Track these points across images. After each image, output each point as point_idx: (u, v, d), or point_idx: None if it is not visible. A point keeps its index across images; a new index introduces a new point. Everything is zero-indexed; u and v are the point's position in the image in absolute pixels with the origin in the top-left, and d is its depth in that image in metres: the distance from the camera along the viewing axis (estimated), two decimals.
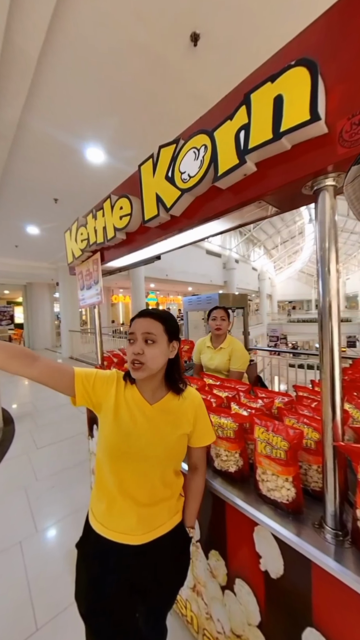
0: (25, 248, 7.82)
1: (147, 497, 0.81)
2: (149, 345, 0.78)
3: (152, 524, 0.82)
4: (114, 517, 0.81)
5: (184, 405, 0.87)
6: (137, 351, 0.77)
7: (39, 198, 4.74)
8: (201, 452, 0.94)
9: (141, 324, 0.80)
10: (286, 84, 0.65)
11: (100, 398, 0.83)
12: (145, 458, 0.80)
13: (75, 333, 9.86)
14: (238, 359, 1.85)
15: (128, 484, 0.80)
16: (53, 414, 4.35)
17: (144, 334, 0.79)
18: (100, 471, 0.84)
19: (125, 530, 0.79)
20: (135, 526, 0.79)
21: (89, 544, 0.84)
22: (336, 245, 0.74)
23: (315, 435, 0.89)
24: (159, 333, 0.80)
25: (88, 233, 1.63)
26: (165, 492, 0.84)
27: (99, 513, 0.83)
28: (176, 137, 1.01)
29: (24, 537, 1.90)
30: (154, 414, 0.83)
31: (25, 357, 0.75)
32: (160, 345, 0.79)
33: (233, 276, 15.47)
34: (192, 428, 0.88)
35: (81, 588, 0.83)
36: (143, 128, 3.16)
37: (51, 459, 2.96)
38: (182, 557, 0.92)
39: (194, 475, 0.95)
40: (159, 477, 0.82)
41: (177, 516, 0.89)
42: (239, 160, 0.77)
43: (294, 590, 0.82)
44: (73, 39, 2.14)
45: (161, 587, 0.87)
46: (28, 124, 2.96)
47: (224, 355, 1.89)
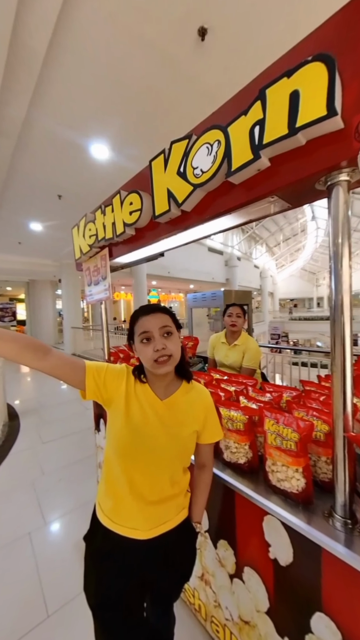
0: (28, 245, 7.84)
1: (156, 494, 0.81)
2: (168, 337, 0.79)
3: (159, 519, 0.82)
4: (122, 513, 0.81)
5: (194, 403, 0.87)
6: (160, 347, 0.77)
7: (43, 195, 4.74)
8: (209, 449, 0.94)
9: (154, 320, 0.79)
10: (303, 79, 0.66)
11: (110, 393, 0.82)
12: (156, 455, 0.80)
13: (78, 330, 9.89)
14: (251, 357, 1.86)
15: (137, 482, 0.80)
16: (58, 410, 4.39)
17: (162, 328, 0.79)
18: (109, 468, 0.85)
19: (132, 525, 0.80)
20: (142, 522, 0.80)
21: (96, 537, 0.85)
22: (349, 241, 0.75)
23: (325, 428, 0.90)
24: (171, 324, 0.82)
25: (97, 229, 1.64)
26: (173, 489, 0.84)
27: (107, 508, 0.84)
28: (188, 133, 1.01)
29: (33, 529, 1.94)
30: (164, 411, 0.82)
31: (38, 350, 0.73)
32: (175, 335, 0.82)
33: (235, 274, 15.44)
34: (202, 426, 0.88)
35: (90, 580, 0.84)
36: (148, 125, 3.15)
37: (57, 453, 3.00)
38: (189, 552, 0.93)
39: (202, 472, 0.95)
40: (168, 475, 0.82)
41: (183, 512, 0.90)
42: (253, 155, 0.78)
43: (303, 577, 0.84)
44: (79, 35, 2.14)
45: (168, 581, 0.88)
46: (33, 121, 2.96)
47: (239, 353, 1.90)
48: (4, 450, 3.08)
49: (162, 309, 0.83)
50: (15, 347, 0.71)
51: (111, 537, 0.81)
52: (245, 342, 1.92)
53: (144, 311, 0.82)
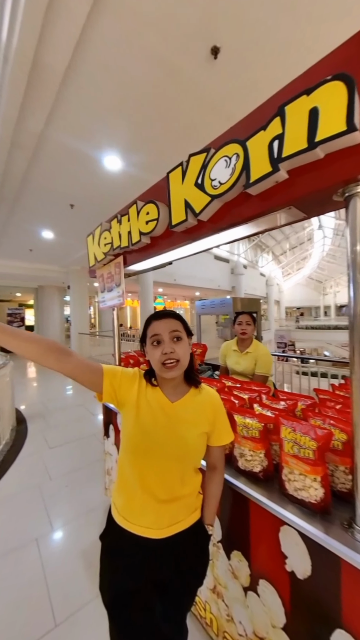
0: (38, 252, 8.03)
1: (167, 493, 0.83)
2: (177, 342, 0.82)
3: (171, 519, 0.84)
4: (135, 511, 0.84)
5: (203, 404, 0.90)
6: (169, 350, 0.80)
7: (56, 203, 4.88)
8: (220, 451, 0.96)
9: (165, 324, 0.83)
10: (322, 97, 0.69)
11: (124, 395, 0.86)
12: (166, 456, 0.82)
13: (85, 336, 9.98)
14: (264, 364, 1.88)
15: (149, 480, 0.82)
16: (63, 415, 4.41)
17: (172, 332, 0.82)
18: (122, 466, 0.87)
19: (145, 524, 0.82)
20: (154, 521, 0.82)
21: (111, 536, 0.87)
22: None
23: (343, 437, 0.90)
24: (182, 330, 0.84)
25: (112, 237, 1.69)
26: (184, 489, 0.86)
27: (121, 506, 0.86)
28: (206, 146, 1.05)
29: (40, 535, 1.93)
30: (174, 412, 0.85)
31: (62, 352, 0.78)
32: (185, 341, 0.84)
33: (241, 281, 15.46)
34: (212, 427, 0.90)
35: (105, 579, 0.86)
36: (158, 137, 3.25)
37: (63, 458, 3.00)
38: (201, 554, 0.93)
39: (213, 474, 0.96)
40: (179, 475, 0.84)
41: (195, 513, 0.91)
42: (272, 168, 0.81)
43: (322, 591, 0.82)
44: (96, 54, 2.24)
45: (181, 583, 0.88)
46: (49, 134, 3.08)
47: (250, 360, 1.92)
48: (13, 454, 3.09)
49: (174, 315, 0.87)
50: (40, 348, 0.76)
51: (125, 536, 0.83)
52: (257, 349, 1.94)
53: (156, 316, 0.86)
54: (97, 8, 1.88)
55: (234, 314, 2.09)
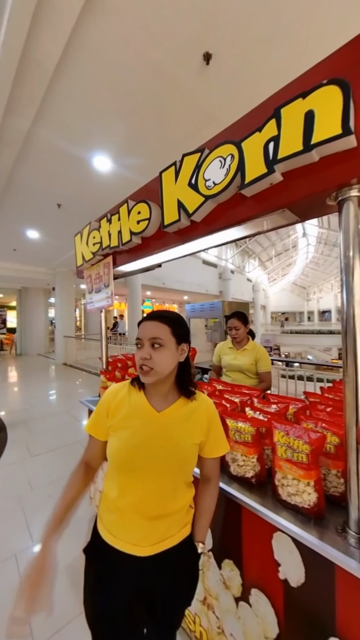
0: (23, 252, 7.78)
1: (156, 509, 0.78)
2: (156, 349, 0.76)
3: (159, 536, 0.79)
4: (122, 527, 0.78)
5: (196, 413, 0.84)
6: (145, 356, 0.75)
7: (42, 203, 4.76)
8: (214, 463, 0.90)
9: (147, 328, 0.78)
10: (318, 101, 0.70)
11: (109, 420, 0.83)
12: (155, 469, 0.77)
13: (70, 339, 9.72)
14: (266, 361, 2.00)
15: (138, 497, 0.77)
16: (47, 421, 4.24)
17: (151, 339, 0.77)
18: (109, 482, 0.83)
19: (132, 541, 0.77)
20: (142, 538, 0.77)
21: (96, 550, 0.82)
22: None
23: (335, 440, 0.90)
24: (166, 337, 0.77)
25: (101, 237, 1.64)
26: (174, 505, 0.81)
27: (107, 521, 0.81)
28: (200, 147, 1.05)
29: (19, 550, 1.81)
30: (163, 423, 0.80)
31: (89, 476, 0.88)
32: (168, 349, 0.77)
33: (228, 286, 15.67)
34: (205, 438, 0.84)
35: (88, 596, 0.81)
36: (149, 138, 3.24)
37: (46, 467, 2.86)
38: (190, 573, 0.88)
39: (207, 487, 0.91)
40: (170, 489, 0.79)
41: (186, 528, 0.85)
42: (267, 169, 0.81)
43: (316, 599, 0.81)
44: (88, 54, 2.22)
45: (169, 601, 0.84)
46: (36, 132, 3.01)
47: (249, 357, 2.00)
48: None
49: (164, 318, 0.79)
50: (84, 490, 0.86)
51: (111, 551, 0.78)
52: (255, 347, 2.04)
53: (147, 317, 0.82)
54: (89, 6, 1.86)
55: (224, 317, 2.13)
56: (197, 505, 0.90)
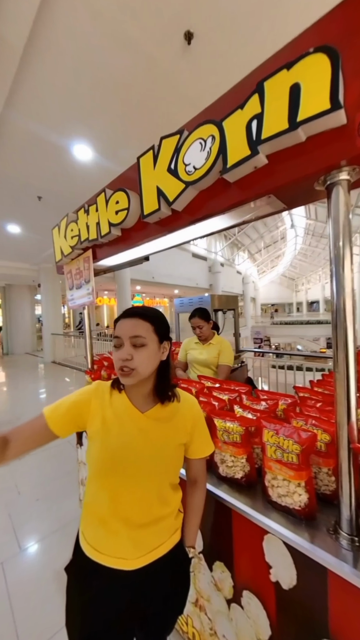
0: (5, 248, 7.47)
1: (143, 516, 0.73)
2: (138, 349, 0.70)
3: (149, 545, 0.74)
4: (107, 540, 0.73)
5: (180, 412, 0.80)
6: (125, 357, 0.69)
7: (22, 196, 4.53)
8: (200, 464, 0.87)
9: (127, 325, 0.71)
10: (304, 72, 0.63)
11: (83, 418, 0.76)
12: (139, 472, 0.72)
13: (58, 337, 9.50)
14: (227, 355, 2.03)
15: (121, 504, 0.72)
16: None
17: (132, 337, 0.70)
18: (90, 491, 0.77)
19: (119, 554, 0.71)
20: (130, 549, 0.72)
21: (79, 567, 0.76)
22: (350, 242, 0.72)
23: (326, 437, 0.86)
24: (148, 335, 0.71)
25: (79, 229, 1.54)
26: (162, 509, 0.76)
27: (90, 535, 0.75)
28: (179, 128, 0.97)
29: (6, 558, 1.75)
30: (146, 424, 0.75)
31: None
32: (150, 348, 0.72)
33: (218, 279, 15.64)
34: (190, 438, 0.81)
35: (72, 617, 0.75)
36: (132, 127, 3.10)
37: (34, 470, 2.79)
38: (181, 581, 0.84)
39: (194, 489, 0.87)
40: (155, 493, 0.74)
41: (175, 535, 0.81)
42: (250, 151, 0.74)
43: (308, 601, 0.78)
44: (60, 31, 2.06)
45: (160, 612, 0.80)
46: (10, 119, 2.81)
47: (213, 350, 2.03)
48: None
49: (145, 315, 0.74)
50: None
51: (95, 569, 0.72)
52: (220, 341, 2.07)
53: (125, 313, 0.75)
54: None
55: (213, 311, 2.10)
56: (185, 509, 0.87)
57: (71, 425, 0.75)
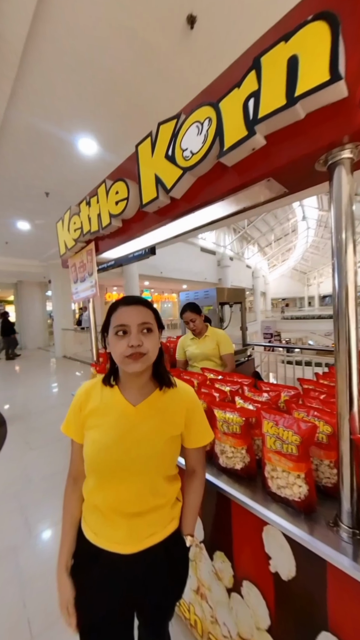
0: (15, 245, 7.61)
1: (136, 507, 0.74)
2: (147, 334, 0.72)
3: (143, 533, 0.74)
4: (104, 527, 0.75)
5: (173, 403, 0.79)
6: (136, 343, 0.69)
7: (30, 192, 4.58)
8: (199, 453, 0.86)
9: (133, 313, 0.72)
10: (302, 42, 0.59)
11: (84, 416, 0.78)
12: (130, 471, 0.72)
13: (68, 332, 9.68)
14: (226, 343, 2.03)
15: (113, 497, 0.73)
16: (46, 415, 4.24)
17: (142, 324, 0.71)
18: (87, 483, 0.78)
19: (115, 540, 0.73)
20: (124, 536, 0.73)
21: (81, 551, 0.79)
22: (353, 227, 0.69)
23: (327, 429, 0.84)
24: (152, 321, 0.74)
25: (82, 222, 1.55)
26: (156, 501, 0.76)
27: (90, 520, 0.78)
28: (177, 113, 0.94)
29: (17, 543, 1.82)
30: (138, 418, 0.74)
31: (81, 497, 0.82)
32: (155, 333, 0.74)
33: (227, 274, 15.45)
34: (185, 428, 0.80)
35: (74, 598, 0.77)
36: (134, 118, 3.06)
37: (45, 460, 2.87)
38: (179, 568, 0.84)
39: (192, 479, 0.87)
40: (148, 488, 0.74)
41: (172, 524, 0.80)
42: (247, 131, 0.71)
43: (307, 593, 0.77)
44: (59, 25, 2.02)
45: (158, 599, 0.80)
46: (14, 116, 2.82)
47: (210, 343, 2.03)
48: None
49: (146, 303, 0.76)
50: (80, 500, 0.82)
51: (95, 552, 0.74)
52: (215, 332, 2.06)
53: (125, 302, 0.74)
54: None
55: (218, 305, 2.09)
56: (184, 499, 0.86)
57: (81, 428, 0.78)
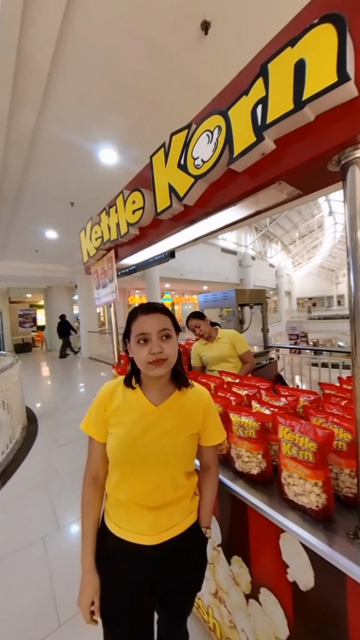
0: (44, 252, 8.10)
1: (158, 500, 0.78)
2: (166, 340, 0.77)
3: (165, 524, 0.79)
4: (127, 520, 0.80)
5: (191, 403, 0.84)
6: (157, 350, 0.74)
7: (56, 203, 4.86)
8: (212, 450, 0.91)
9: (153, 321, 0.76)
10: (309, 46, 0.59)
11: (108, 414, 0.82)
12: (153, 464, 0.77)
13: (94, 334, 10.07)
14: (241, 342, 2.03)
15: (137, 490, 0.78)
16: (73, 413, 4.45)
17: (161, 331, 0.76)
18: (111, 478, 0.83)
19: (139, 531, 0.78)
20: (148, 527, 0.78)
21: (105, 543, 0.83)
22: None
23: (347, 436, 0.81)
24: (171, 327, 0.79)
25: (102, 231, 1.62)
26: (177, 494, 0.81)
27: (113, 514, 0.83)
28: (188, 123, 0.96)
29: (46, 534, 1.94)
30: (159, 416, 0.80)
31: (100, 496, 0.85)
32: (174, 338, 0.79)
33: (249, 274, 15.16)
34: (202, 427, 0.85)
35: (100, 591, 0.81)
36: (154, 127, 3.14)
37: (72, 456, 3.02)
38: (198, 558, 0.88)
39: (207, 474, 0.92)
40: (169, 482, 0.79)
41: (191, 516, 0.86)
42: (256, 137, 0.71)
43: (326, 605, 0.75)
44: (82, 42, 2.15)
45: (179, 589, 0.84)
46: (41, 130, 3.02)
47: (224, 345, 2.02)
48: (23, 453, 3.14)
49: (163, 309, 0.80)
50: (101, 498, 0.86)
51: (118, 543, 0.79)
52: (226, 334, 2.05)
53: (144, 310, 0.79)
54: None
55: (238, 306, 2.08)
56: (200, 493, 0.91)
57: (104, 426, 0.82)
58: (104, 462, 0.84)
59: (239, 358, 2.03)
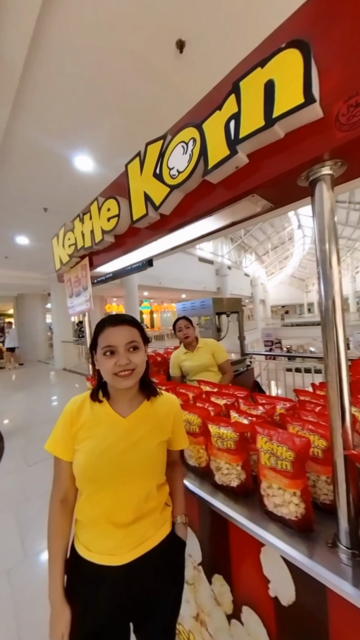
0: (15, 259, 7.71)
1: (130, 516, 0.75)
2: (134, 352, 0.75)
3: (137, 539, 0.76)
4: (97, 540, 0.75)
5: (162, 412, 0.84)
6: (124, 362, 0.72)
7: (28, 207, 4.68)
8: (177, 453, 0.95)
9: (121, 333, 0.74)
10: (277, 68, 0.62)
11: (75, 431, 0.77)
12: (125, 475, 0.74)
13: (69, 344, 9.66)
14: (221, 351, 2.04)
15: (108, 508, 0.74)
16: (45, 428, 4.17)
17: (129, 344, 0.74)
18: (80, 497, 0.78)
19: (108, 551, 0.73)
20: (117, 546, 0.73)
21: (76, 569, 0.77)
22: (336, 239, 0.70)
23: (322, 443, 0.82)
24: (138, 339, 0.77)
25: (75, 238, 1.57)
26: (148, 505, 0.79)
27: (82, 536, 0.77)
28: (164, 133, 0.97)
29: (11, 565, 1.75)
30: (130, 427, 0.78)
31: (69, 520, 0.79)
32: (142, 349, 0.78)
33: (226, 282, 15.56)
34: (172, 434, 0.86)
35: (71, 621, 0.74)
36: (132, 134, 3.16)
37: (42, 477, 2.80)
38: (175, 571, 0.84)
39: (174, 468, 0.94)
40: (142, 493, 0.76)
41: (165, 527, 0.83)
42: (229, 151, 0.73)
43: (308, 619, 0.74)
44: (58, 46, 2.13)
45: (157, 606, 0.79)
46: (15, 132, 2.92)
47: (205, 354, 2.02)
48: None
49: (131, 321, 0.78)
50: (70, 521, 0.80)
51: (86, 567, 0.74)
52: (207, 343, 2.06)
53: (111, 322, 0.76)
54: None
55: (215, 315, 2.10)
56: (171, 484, 0.91)
57: (72, 443, 0.77)
58: (73, 482, 0.78)
59: (218, 367, 2.03)
